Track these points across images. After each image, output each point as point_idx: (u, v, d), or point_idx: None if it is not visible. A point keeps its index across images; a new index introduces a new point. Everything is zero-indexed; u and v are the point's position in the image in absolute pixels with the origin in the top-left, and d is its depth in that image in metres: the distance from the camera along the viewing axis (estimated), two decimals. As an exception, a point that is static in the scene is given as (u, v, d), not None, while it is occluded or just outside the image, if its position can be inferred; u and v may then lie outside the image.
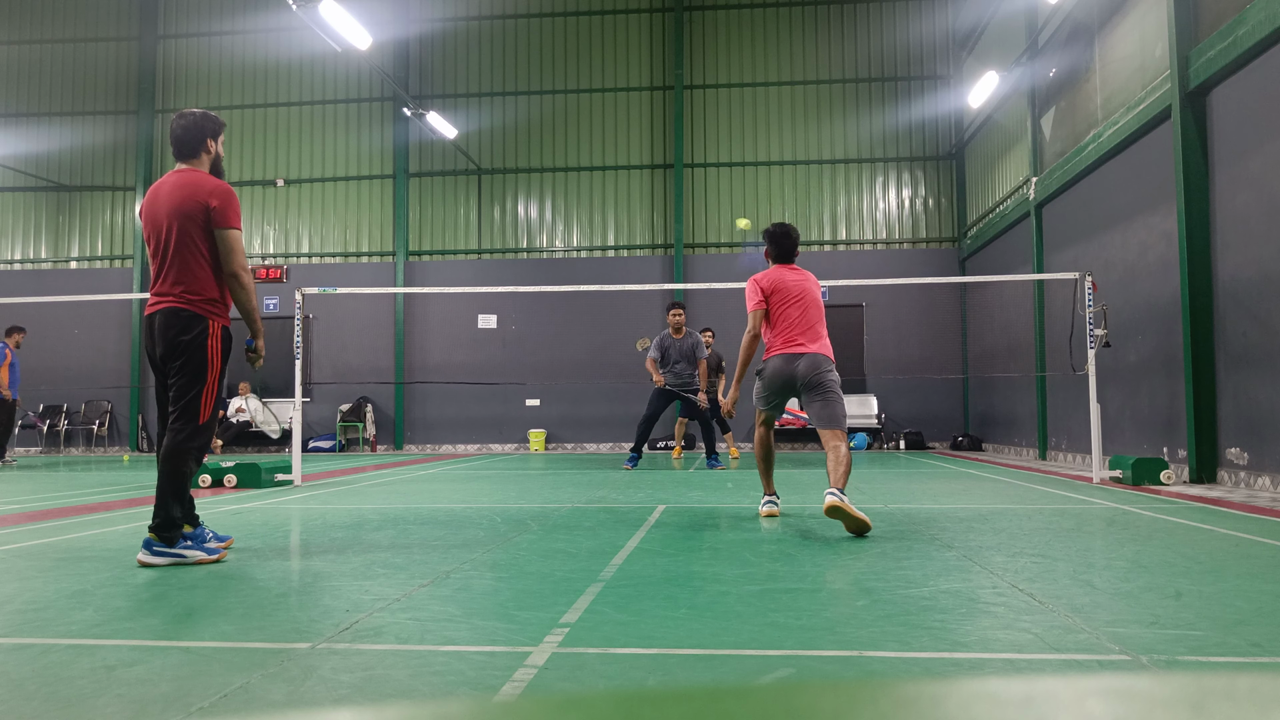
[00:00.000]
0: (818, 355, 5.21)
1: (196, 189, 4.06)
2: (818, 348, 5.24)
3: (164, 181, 4.17)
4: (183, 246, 4.03)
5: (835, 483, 4.78)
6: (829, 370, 5.20)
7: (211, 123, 4.24)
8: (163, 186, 4.13)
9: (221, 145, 4.34)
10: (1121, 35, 10.19)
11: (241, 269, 4.06)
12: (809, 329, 5.28)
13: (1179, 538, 4.51)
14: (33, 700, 2.01)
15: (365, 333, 17.60)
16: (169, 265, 4.05)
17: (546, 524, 5.27)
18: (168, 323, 4.02)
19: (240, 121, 18.34)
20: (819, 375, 5.16)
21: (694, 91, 17.63)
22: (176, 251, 4.04)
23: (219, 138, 4.30)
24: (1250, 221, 7.54)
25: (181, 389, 4.02)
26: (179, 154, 4.21)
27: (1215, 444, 8.11)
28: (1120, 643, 2.45)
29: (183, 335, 4.01)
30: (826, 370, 5.19)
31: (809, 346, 5.22)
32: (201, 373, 4.03)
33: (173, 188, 4.08)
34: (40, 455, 17.03)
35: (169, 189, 4.09)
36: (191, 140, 4.18)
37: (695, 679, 2.17)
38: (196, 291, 4.04)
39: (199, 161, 4.22)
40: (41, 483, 9.23)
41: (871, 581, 3.36)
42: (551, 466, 11.48)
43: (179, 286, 4.03)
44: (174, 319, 4.02)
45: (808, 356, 5.19)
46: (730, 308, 16.70)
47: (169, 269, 4.05)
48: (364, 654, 2.40)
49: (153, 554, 3.90)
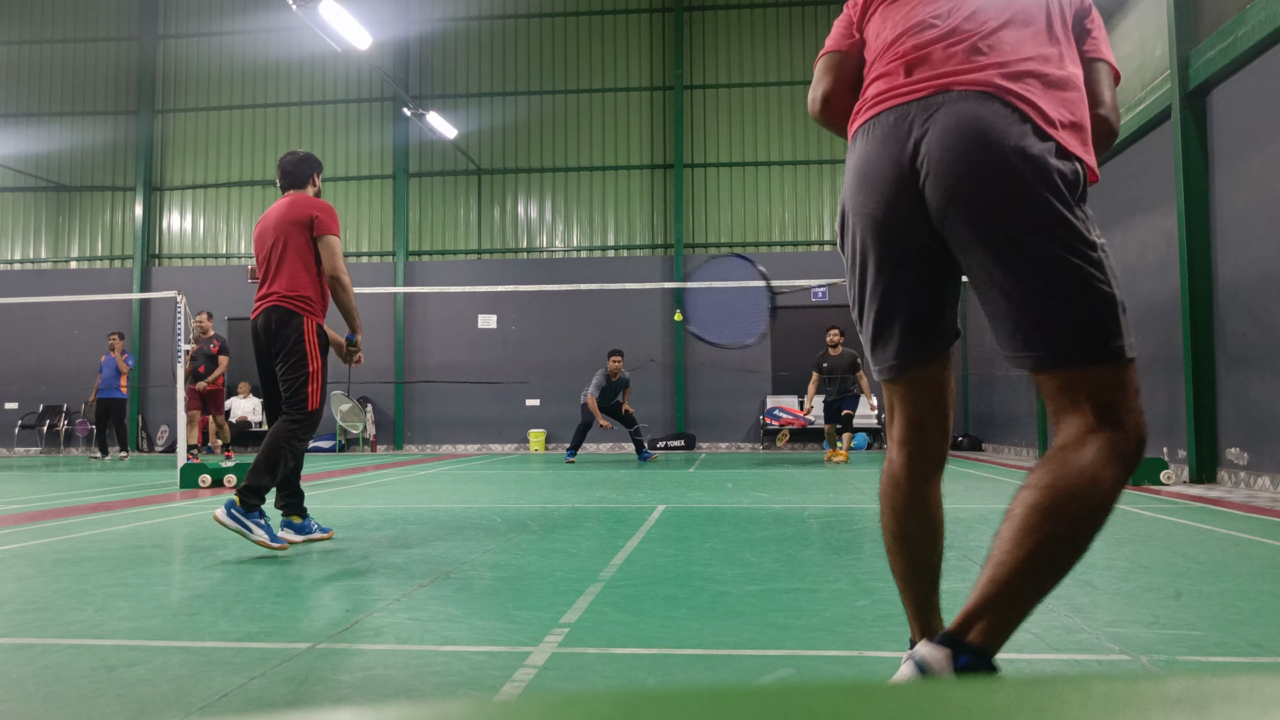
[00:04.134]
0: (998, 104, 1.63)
1: (304, 203, 4.51)
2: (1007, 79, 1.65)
3: (275, 205, 4.60)
4: (287, 252, 4.42)
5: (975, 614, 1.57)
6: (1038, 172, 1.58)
7: (317, 163, 4.77)
8: (274, 208, 4.58)
9: (320, 183, 4.81)
10: (1121, 35, 10.19)
11: (341, 271, 4.46)
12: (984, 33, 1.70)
13: (1179, 538, 4.51)
14: (33, 700, 2.01)
15: (365, 332, 17.56)
16: (274, 271, 4.44)
17: (546, 524, 5.27)
18: (268, 320, 4.39)
19: (240, 121, 18.34)
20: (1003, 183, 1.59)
21: (694, 91, 17.62)
22: (281, 258, 4.43)
23: (319, 175, 4.78)
24: (1250, 221, 7.54)
25: (288, 382, 4.36)
26: (288, 184, 4.67)
27: (1215, 444, 8.11)
28: (1120, 643, 2.45)
29: (283, 330, 4.36)
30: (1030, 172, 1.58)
31: (989, 74, 1.66)
32: (303, 364, 4.37)
33: (283, 207, 4.53)
34: (40, 455, 17.03)
35: (279, 208, 4.53)
36: (300, 174, 4.67)
37: (695, 679, 2.17)
38: (294, 290, 4.40)
39: (300, 193, 4.66)
40: (41, 483, 9.23)
41: (871, 581, 3.36)
42: (551, 466, 11.48)
43: (280, 287, 4.41)
44: (273, 315, 4.39)
45: (965, 105, 1.64)
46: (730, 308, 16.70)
47: (273, 274, 4.44)
48: (364, 654, 2.40)
49: (228, 515, 4.11)
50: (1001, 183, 1.58)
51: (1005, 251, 1.58)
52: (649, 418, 16.31)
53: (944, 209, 1.63)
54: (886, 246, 1.71)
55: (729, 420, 16.80)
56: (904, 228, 1.69)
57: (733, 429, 16.76)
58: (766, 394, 16.76)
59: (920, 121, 1.66)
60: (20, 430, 17.76)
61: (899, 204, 1.68)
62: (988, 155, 1.60)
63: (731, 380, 16.58)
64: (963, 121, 1.62)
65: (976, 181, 1.59)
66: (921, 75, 1.70)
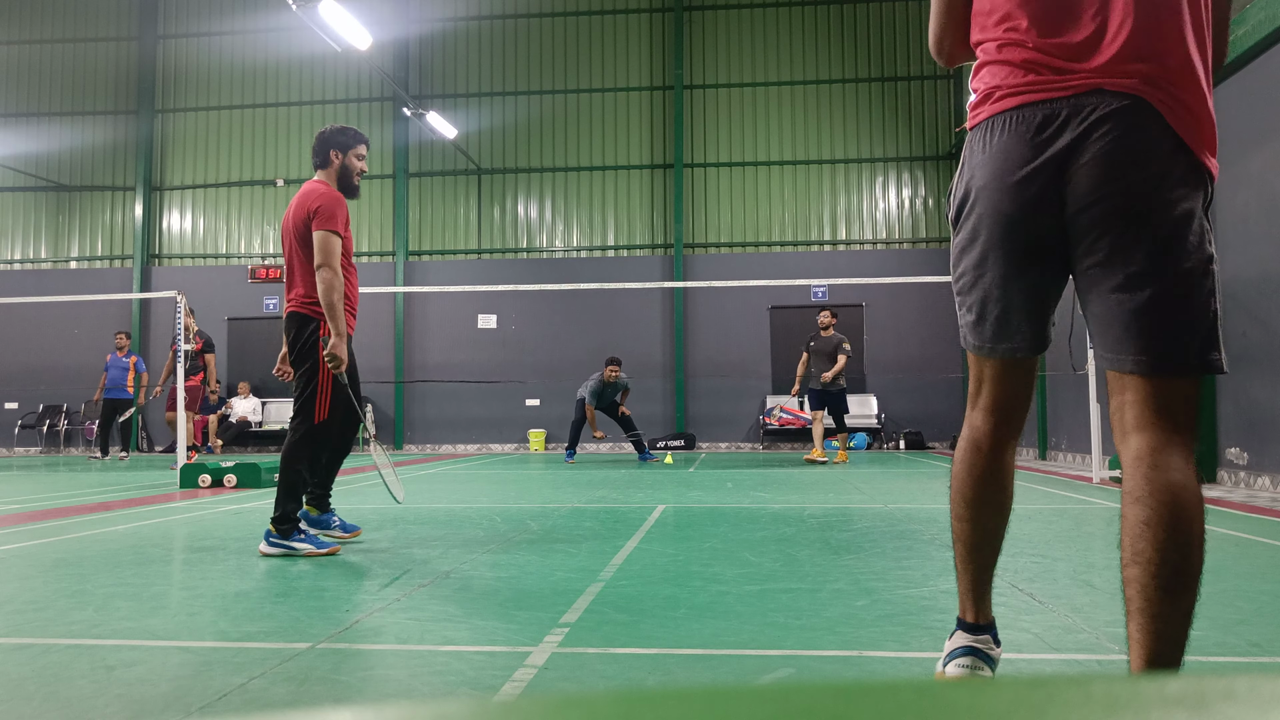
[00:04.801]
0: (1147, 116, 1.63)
1: (308, 197, 4.28)
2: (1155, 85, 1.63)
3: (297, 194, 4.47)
4: (299, 253, 4.30)
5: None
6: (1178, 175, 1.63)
7: (341, 135, 4.45)
8: (294, 199, 4.42)
9: (355, 158, 4.49)
10: (1121, 35, 10.20)
11: (326, 266, 4.15)
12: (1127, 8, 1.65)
13: (1179, 538, 4.50)
14: (33, 700, 2.01)
15: (365, 332, 17.58)
16: (291, 272, 4.36)
17: (546, 524, 5.27)
18: (287, 325, 4.33)
19: (240, 121, 18.34)
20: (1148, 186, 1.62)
21: (694, 91, 17.62)
22: (294, 259, 4.32)
23: (349, 150, 4.46)
24: (1250, 221, 7.54)
25: (300, 389, 4.26)
26: (314, 164, 4.48)
27: (1215, 444, 8.11)
28: (1120, 643, 2.44)
29: (299, 337, 4.27)
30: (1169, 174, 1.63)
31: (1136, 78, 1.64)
32: (314, 373, 4.22)
33: (298, 199, 4.35)
34: (40, 455, 17.03)
35: (296, 200, 4.38)
36: (320, 150, 4.45)
37: (695, 679, 2.17)
38: (310, 296, 4.26)
39: (326, 172, 4.45)
40: (41, 483, 9.23)
41: (871, 581, 3.36)
42: (551, 466, 11.48)
43: (297, 291, 4.31)
44: (291, 322, 4.31)
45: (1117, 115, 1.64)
46: (730, 308, 16.72)
47: (290, 276, 4.36)
48: (364, 654, 2.40)
49: (269, 544, 4.12)
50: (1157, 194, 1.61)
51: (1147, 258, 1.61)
52: (649, 418, 16.31)
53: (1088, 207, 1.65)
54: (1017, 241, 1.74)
55: (729, 420, 16.79)
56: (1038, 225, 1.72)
57: (733, 429, 16.76)
58: (766, 394, 16.76)
59: (1074, 123, 1.66)
60: (20, 430, 17.76)
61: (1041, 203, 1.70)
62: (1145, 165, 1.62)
63: (731, 380, 16.58)
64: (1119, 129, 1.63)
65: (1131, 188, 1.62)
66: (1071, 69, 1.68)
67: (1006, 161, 1.72)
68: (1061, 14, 1.68)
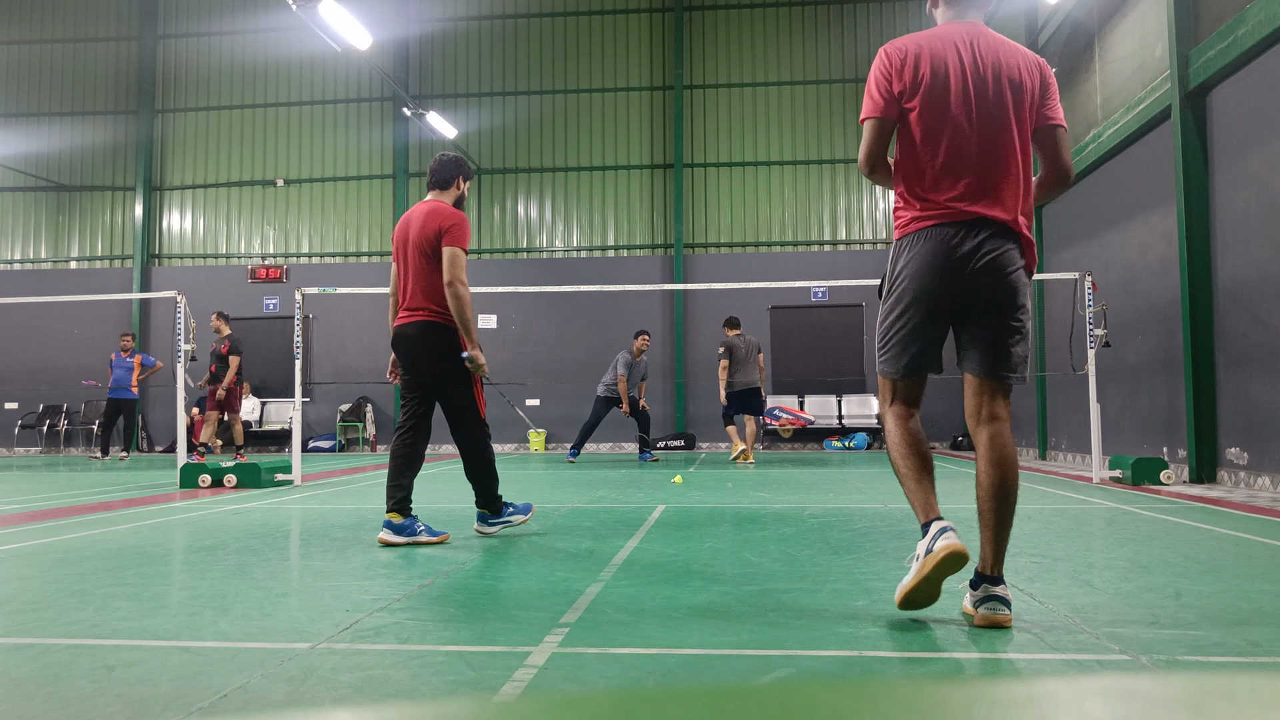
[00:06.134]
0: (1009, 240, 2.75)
1: (440, 215, 4.55)
2: (1007, 215, 2.75)
3: (416, 209, 4.67)
4: (430, 265, 4.51)
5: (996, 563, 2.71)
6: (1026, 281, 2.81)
7: (465, 167, 4.82)
8: (415, 213, 4.64)
9: (467, 189, 4.90)
10: (1121, 35, 10.19)
11: (458, 280, 4.45)
12: (991, 170, 2.76)
13: (1179, 538, 4.51)
14: (33, 700, 2.01)
15: (365, 333, 17.60)
16: (418, 284, 4.54)
17: (546, 524, 5.27)
18: (423, 335, 4.53)
19: (240, 121, 18.34)
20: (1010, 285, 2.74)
21: (694, 91, 17.63)
22: (425, 270, 4.52)
23: (468, 181, 4.87)
24: (1250, 221, 7.54)
25: (454, 395, 4.60)
26: (433, 185, 4.74)
27: (1215, 444, 8.11)
28: (1120, 643, 2.45)
29: (439, 345, 4.51)
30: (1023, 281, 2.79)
31: (993, 210, 2.74)
32: (466, 377, 4.58)
33: (422, 215, 4.59)
34: (40, 455, 17.03)
35: (420, 216, 4.60)
36: (447, 175, 4.74)
37: (695, 679, 2.17)
38: (441, 306, 4.52)
39: (447, 194, 4.74)
40: (41, 483, 9.24)
41: (871, 581, 3.36)
42: (551, 466, 11.48)
43: (430, 303, 4.52)
44: (429, 331, 4.52)
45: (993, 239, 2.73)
46: (730, 308, 16.69)
47: (417, 288, 4.54)
48: (364, 654, 2.40)
49: (487, 525, 4.71)
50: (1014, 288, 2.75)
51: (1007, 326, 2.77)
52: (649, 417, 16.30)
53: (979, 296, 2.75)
54: (932, 310, 2.80)
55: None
56: (947, 300, 2.79)
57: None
58: (767, 394, 16.75)
59: (972, 237, 2.73)
60: (20, 430, 17.76)
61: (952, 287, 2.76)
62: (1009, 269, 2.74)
63: (731, 380, 16.56)
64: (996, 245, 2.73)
65: (1000, 285, 2.74)
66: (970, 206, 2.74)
67: (930, 259, 2.76)
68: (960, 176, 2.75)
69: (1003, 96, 2.74)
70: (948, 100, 2.74)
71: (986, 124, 2.73)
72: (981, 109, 2.73)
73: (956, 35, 2.80)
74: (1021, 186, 2.76)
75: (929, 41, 2.80)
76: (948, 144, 2.74)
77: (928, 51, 2.77)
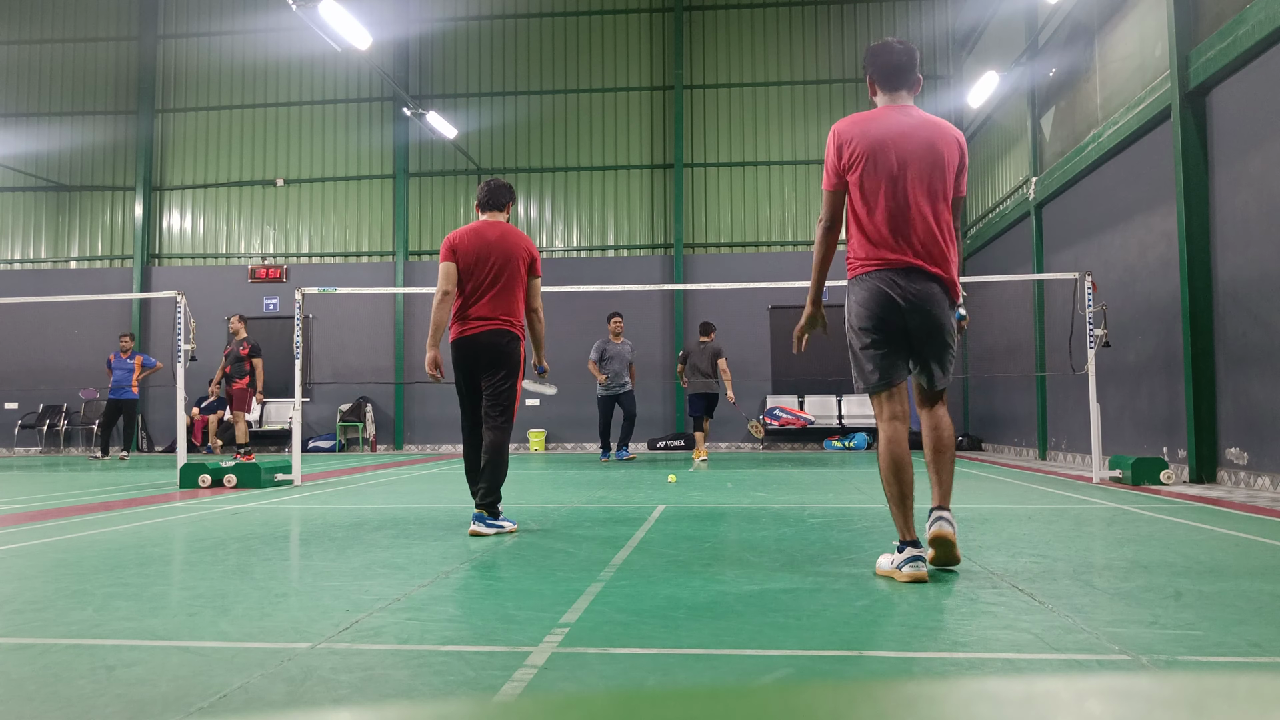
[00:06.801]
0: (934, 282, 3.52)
1: (524, 239, 5.14)
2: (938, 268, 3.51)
3: (488, 226, 5.08)
4: (514, 280, 5.02)
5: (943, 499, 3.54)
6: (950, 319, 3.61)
7: (513, 192, 5.33)
8: (489, 230, 5.06)
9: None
10: (1121, 35, 10.19)
11: (541, 307, 5.20)
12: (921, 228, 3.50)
13: (1179, 538, 4.51)
14: (33, 700, 2.01)
15: (365, 333, 17.60)
16: (499, 294, 4.98)
17: (546, 524, 5.27)
18: (497, 340, 4.98)
19: (240, 121, 18.34)
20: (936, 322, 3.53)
21: (694, 91, 17.63)
22: (505, 286, 4.99)
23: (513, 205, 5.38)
24: (1250, 221, 7.54)
25: (502, 392, 5.00)
26: (491, 206, 5.18)
27: (1215, 444, 8.11)
28: (1120, 643, 2.45)
29: (508, 348, 4.98)
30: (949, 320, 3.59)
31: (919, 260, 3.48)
32: (515, 377, 5.04)
33: (503, 235, 5.05)
34: (40, 455, 17.03)
35: (499, 234, 5.05)
36: (503, 198, 5.22)
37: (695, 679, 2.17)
38: (514, 315, 5.04)
39: (503, 215, 5.20)
40: (41, 483, 9.24)
41: (871, 581, 3.36)
42: (551, 466, 11.48)
43: (502, 312, 4.99)
44: (501, 337, 4.99)
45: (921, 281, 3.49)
46: (730, 308, 16.70)
47: (498, 297, 4.98)
48: (364, 654, 2.40)
49: (485, 525, 4.80)
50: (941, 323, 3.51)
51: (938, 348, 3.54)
52: (649, 418, 16.33)
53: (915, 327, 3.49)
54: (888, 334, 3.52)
55: (729, 420, 16.78)
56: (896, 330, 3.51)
57: (733, 429, 16.76)
58: (766, 394, 16.76)
59: (905, 281, 3.47)
60: (20, 430, 17.76)
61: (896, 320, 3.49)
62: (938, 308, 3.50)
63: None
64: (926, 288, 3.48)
65: (930, 320, 3.49)
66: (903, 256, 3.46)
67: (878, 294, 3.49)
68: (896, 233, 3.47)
69: (927, 165, 3.47)
70: (882, 170, 3.46)
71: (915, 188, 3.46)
72: (911, 176, 3.45)
73: (891, 116, 3.52)
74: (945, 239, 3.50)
75: (867, 123, 3.51)
76: (884, 205, 3.46)
77: (867, 131, 3.49)
